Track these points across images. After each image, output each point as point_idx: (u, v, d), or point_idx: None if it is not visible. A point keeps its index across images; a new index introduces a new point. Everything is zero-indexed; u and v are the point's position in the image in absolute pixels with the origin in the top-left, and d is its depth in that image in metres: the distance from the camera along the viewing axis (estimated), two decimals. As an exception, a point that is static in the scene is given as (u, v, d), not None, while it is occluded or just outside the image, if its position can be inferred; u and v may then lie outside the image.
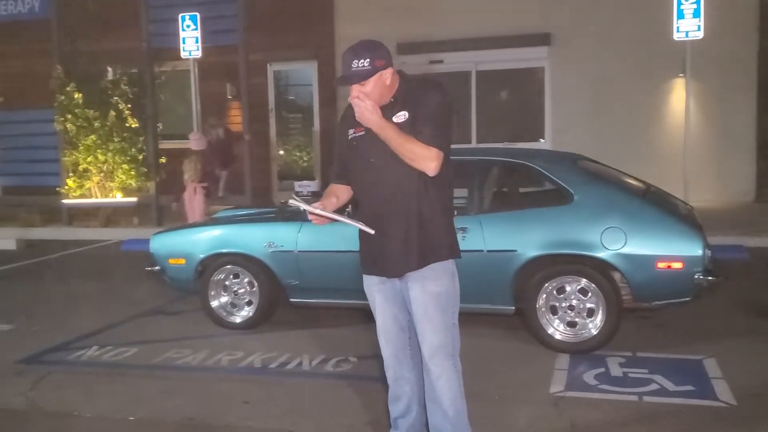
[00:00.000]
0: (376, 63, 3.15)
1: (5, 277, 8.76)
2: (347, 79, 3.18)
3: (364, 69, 3.13)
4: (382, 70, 3.17)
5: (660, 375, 4.68)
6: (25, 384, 4.92)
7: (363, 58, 3.14)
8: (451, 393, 3.33)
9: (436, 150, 3.10)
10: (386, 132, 3.11)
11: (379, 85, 3.18)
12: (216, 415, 4.28)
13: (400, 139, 3.10)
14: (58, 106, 11.79)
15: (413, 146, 3.09)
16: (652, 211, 5.19)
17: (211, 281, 6.06)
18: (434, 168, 3.11)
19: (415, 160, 3.10)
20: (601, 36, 12.37)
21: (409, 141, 3.10)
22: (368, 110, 3.11)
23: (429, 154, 3.09)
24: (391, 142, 3.11)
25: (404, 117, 3.17)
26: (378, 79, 3.17)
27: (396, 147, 3.11)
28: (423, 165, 3.10)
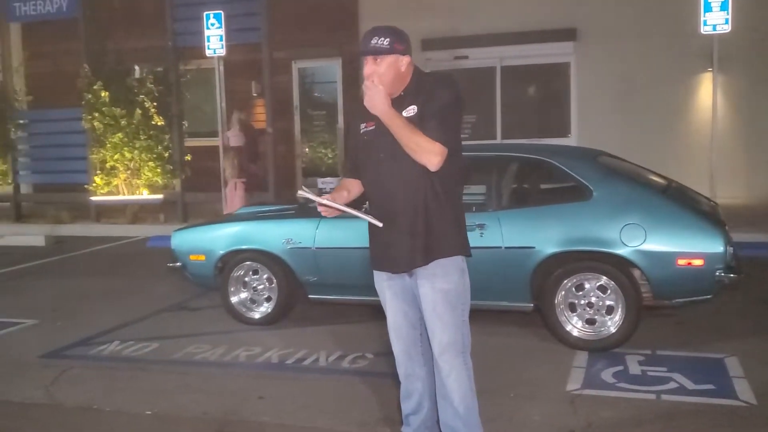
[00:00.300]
0: (395, 45, 3.17)
1: (32, 273, 8.90)
2: (363, 52, 3.19)
3: (382, 46, 3.15)
4: (399, 55, 3.18)
5: (679, 373, 4.62)
6: (47, 378, 5.00)
7: (384, 37, 3.17)
8: (461, 390, 3.31)
9: (440, 145, 3.09)
10: (393, 121, 3.10)
11: (394, 68, 3.18)
12: (231, 410, 4.31)
13: (406, 129, 3.09)
14: (85, 105, 11.95)
15: (419, 139, 3.08)
16: (673, 208, 5.12)
17: (230, 277, 6.11)
18: (437, 163, 3.09)
19: (419, 153, 3.09)
20: (628, 30, 12.22)
21: (416, 133, 3.09)
22: (379, 95, 3.10)
23: (433, 148, 3.08)
24: (397, 132, 3.10)
25: (413, 111, 3.16)
26: (394, 62, 3.17)
27: (401, 138, 3.10)
28: (426, 159, 3.09)
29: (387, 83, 3.17)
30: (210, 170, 12.19)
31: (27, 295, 7.68)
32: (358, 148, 3.38)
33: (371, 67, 3.18)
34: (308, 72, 14.69)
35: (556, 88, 13.37)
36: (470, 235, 5.06)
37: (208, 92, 12.50)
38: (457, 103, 3.21)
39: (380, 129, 3.22)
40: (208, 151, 12.54)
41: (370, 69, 3.18)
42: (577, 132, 12.94)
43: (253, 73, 13.32)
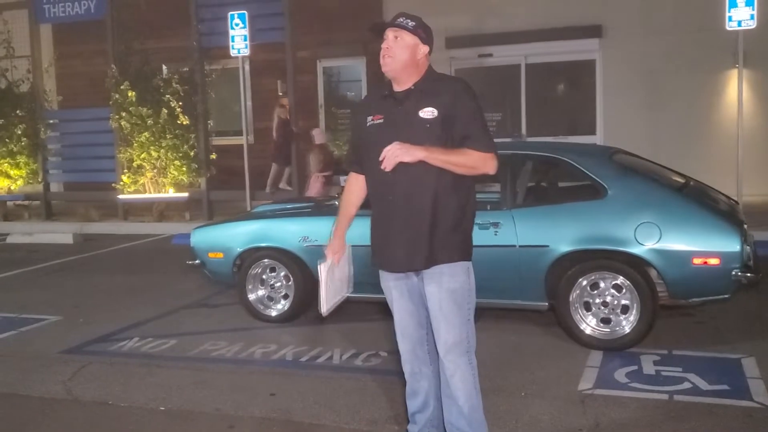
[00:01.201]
0: (419, 30, 3.21)
1: (59, 270, 9.06)
2: (386, 24, 3.22)
3: (406, 25, 3.19)
4: (420, 42, 3.20)
5: (694, 374, 4.57)
6: (66, 373, 5.09)
7: (410, 20, 3.22)
8: (466, 389, 3.31)
9: (491, 153, 3.15)
10: (438, 157, 3.10)
11: (411, 50, 3.18)
12: (242, 407, 4.35)
13: (450, 156, 3.11)
14: (113, 105, 12.13)
15: (465, 159, 3.12)
16: (689, 206, 5.06)
17: (248, 275, 6.16)
18: (495, 166, 3.16)
19: (475, 170, 3.16)
20: (653, 27, 12.10)
21: (461, 155, 3.12)
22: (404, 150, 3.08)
23: (486, 159, 3.14)
24: (445, 163, 3.12)
25: (432, 114, 3.14)
26: (413, 45, 3.19)
27: (452, 166, 3.13)
28: (484, 171, 3.16)
29: (400, 62, 3.17)
30: (235, 168, 12.29)
31: (53, 292, 7.82)
32: (363, 141, 3.37)
33: (390, 42, 3.19)
34: (333, 71, 14.77)
35: (581, 86, 13.28)
36: (485, 233, 5.21)
37: (233, 92, 12.61)
38: (480, 104, 3.23)
39: (387, 123, 3.23)
40: (234, 150, 12.65)
41: (388, 43, 3.19)
42: (602, 129, 12.84)
43: (278, 73, 13.40)
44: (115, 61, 12.31)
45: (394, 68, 3.20)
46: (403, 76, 3.21)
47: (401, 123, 3.20)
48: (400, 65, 3.19)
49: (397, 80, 3.25)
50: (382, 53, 3.21)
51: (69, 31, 14.87)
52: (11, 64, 13.35)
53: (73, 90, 14.89)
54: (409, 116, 3.19)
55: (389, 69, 3.21)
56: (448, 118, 3.14)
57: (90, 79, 14.07)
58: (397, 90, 3.27)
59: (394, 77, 3.24)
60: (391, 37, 3.20)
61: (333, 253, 3.49)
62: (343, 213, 3.54)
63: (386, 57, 3.20)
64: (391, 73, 3.23)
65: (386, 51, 3.20)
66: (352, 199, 3.50)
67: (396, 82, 3.26)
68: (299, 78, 12.85)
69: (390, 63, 3.19)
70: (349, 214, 3.52)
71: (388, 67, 3.21)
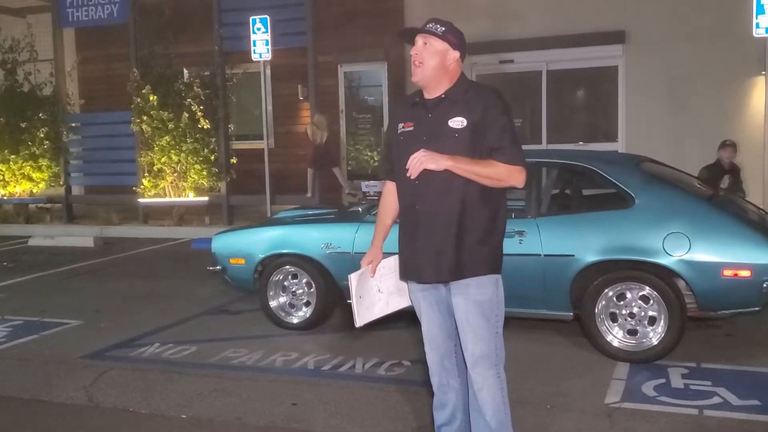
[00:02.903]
0: (449, 36, 3.14)
1: (80, 274, 9.08)
2: (415, 29, 3.16)
3: (436, 31, 3.13)
4: (451, 48, 3.14)
5: (724, 388, 4.47)
6: (87, 379, 5.08)
7: (441, 25, 3.15)
8: (494, 404, 3.24)
9: (520, 166, 3.09)
10: (464, 167, 3.06)
11: (441, 57, 3.12)
12: (263, 416, 4.31)
13: (478, 167, 3.06)
14: (134, 108, 12.17)
15: (492, 171, 3.07)
16: (718, 216, 4.96)
17: (270, 281, 6.13)
18: (523, 181, 3.11)
19: (502, 182, 3.10)
20: (678, 33, 11.96)
21: (487, 167, 3.06)
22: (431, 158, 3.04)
23: (513, 172, 3.09)
24: (472, 175, 3.07)
25: (462, 123, 3.10)
26: (443, 51, 3.13)
27: (480, 178, 3.07)
28: (511, 184, 3.11)
29: (430, 69, 3.12)
30: (256, 173, 12.28)
31: (74, 296, 7.84)
32: (394, 149, 3.33)
33: (418, 49, 3.14)
34: (354, 76, 14.74)
35: (603, 92, 13.17)
36: (509, 242, 5.06)
37: (254, 96, 12.61)
38: (511, 115, 3.18)
39: (417, 131, 3.18)
40: (254, 154, 12.64)
41: (417, 50, 3.14)
42: (624, 137, 12.72)
43: (300, 77, 13.38)
44: (137, 65, 12.34)
45: (424, 76, 3.15)
46: (433, 84, 3.16)
47: (430, 131, 3.16)
48: (429, 72, 3.13)
49: (428, 88, 3.20)
50: (412, 59, 3.17)
51: (92, 35, 14.97)
52: (34, 67, 13.44)
53: (96, 93, 14.99)
54: (439, 125, 3.15)
55: (419, 78, 3.17)
56: (478, 129, 3.09)
57: (112, 82, 14.15)
58: (427, 97, 3.22)
59: (426, 86, 3.19)
60: (420, 44, 3.15)
61: (367, 263, 3.42)
62: (380, 223, 3.48)
63: (416, 65, 3.15)
64: (421, 82, 3.18)
65: (415, 57, 3.15)
66: (388, 209, 3.45)
67: (427, 90, 3.21)
68: (320, 83, 12.83)
69: (419, 72, 3.15)
70: (386, 225, 3.46)
71: (418, 77, 3.16)
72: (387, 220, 3.46)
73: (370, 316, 3.43)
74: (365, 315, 3.40)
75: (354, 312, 3.38)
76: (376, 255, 3.44)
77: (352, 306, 3.39)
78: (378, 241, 3.47)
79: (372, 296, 3.43)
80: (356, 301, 3.36)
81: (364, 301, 3.39)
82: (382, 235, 3.48)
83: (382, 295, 3.45)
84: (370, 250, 3.46)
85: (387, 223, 3.46)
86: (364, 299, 3.40)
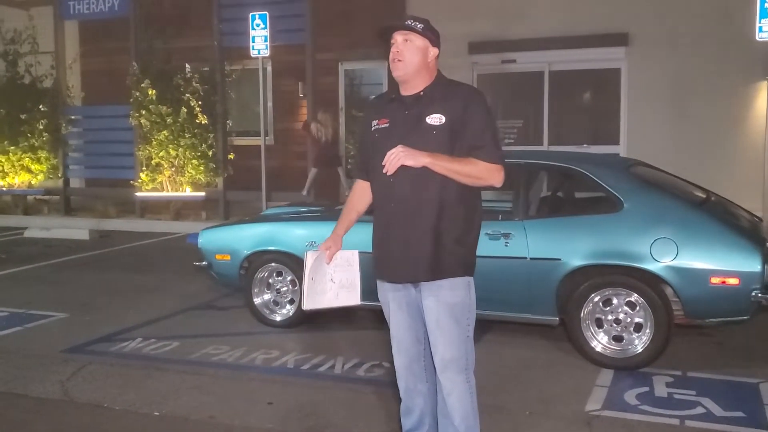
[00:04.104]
0: (428, 33, 3.10)
1: (71, 267, 9.04)
2: (394, 27, 3.10)
3: (416, 27, 3.08)
4: (430, 44, 3.10)
5: (708, 398, 4.38)
6: (65, 373, 5.02)
7: (419, 22, 3.10)
8: (462, 409, 3.17)
9: (499, 165, 3.03)
10: (443, 165, 2.99)
11: (422, 54, 3.08)
12: (237, 415, 4.24)
13: (456, 164, 3.00)
14: (133, 102, 12.13)
15: (471, 169, 3.00)
16: (708, 222, 4.86)
17: (255, 278, 6.07)
18: (501, 180, 3.04)
19: (481, 181, 3.04)
20: (681, 37, 11.84)
21: (466, 165, 3.00)
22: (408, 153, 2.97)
23: (492, 170, 3.02)
24: (450, 172, 3.00)
25: (440, 120, 3.04)
26: (424, 48, 3.09)
27: (457, 176, 3.01)
28: (490, 182, 3.04)
29: (412, 65, 3.07)
30: (255, 169, 12.22)
31: (62, 289, 7.79)
32: (368, 146, 3.26)
33: (399, 45, 3.08)
34: (355, 74, 14.67)
35: (605, 95, 13.04)
36: (495, 244, 5.06)
37: (255, 92, 12.54)
38: (492, 113, 3.13)
39: (393, 127, 3.12)
40: (254, 151, 12.58)
41: (398, 46, 3.08)
42: (626, 140, 12.60)
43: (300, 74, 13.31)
44: (136, 59, 12.30)
45: (407, 72, 3.09)
46: (416, 80, 3.11)
47: (407, 128, 3.10)
48: (412, 69, 3.08)
49: (407, 84, 3.14)
50: (392, 57, 3.11)
51: (95, 29, 14.93)
52: (35, 59, 13.40)
53: (98, 87, 14.92)
54: (416, 122, 3.09)
55: (401, 73, 3.11)
56: (457, 126, 3.03)
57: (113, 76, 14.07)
58: (404, 94, 3.15)
59: (406, 81, 3.13)
60: (401, 40, 3.09)
61: (325, 248, 3.31)
62: (344, 216, 3.40)
63: (397, 61, 3.09)
64: (403, 78, 3.12)
65: (396, 54, 3.09)
66: (356, 204, 3.37)
67: (405, 87, 3.15)
68: (320, 80, 12.76)
69: (402, 67, 3.09)
70: (350, 219, 3.38)
71: (400, 72, 3.10)
72: (352, 214, 3.38)
73: (318, 303, 3.30)
74: (314, 299, 3.28)
75: (303, 292, 3.27)
76: (335, 242, 3.32)
77: (302, 286, 3.28)
78: (339, 230, 3.36)
79: (324, 283, 3.32)
80: (307, 283, 3.25)
81: (315, 285, 3.28)
82: (344, 226, 3.37)
83: (333, 285, 3.34)
84: (330, 237, 3.35)
85: (351, 217, 3.38)
86: (316, 283, 3.28)
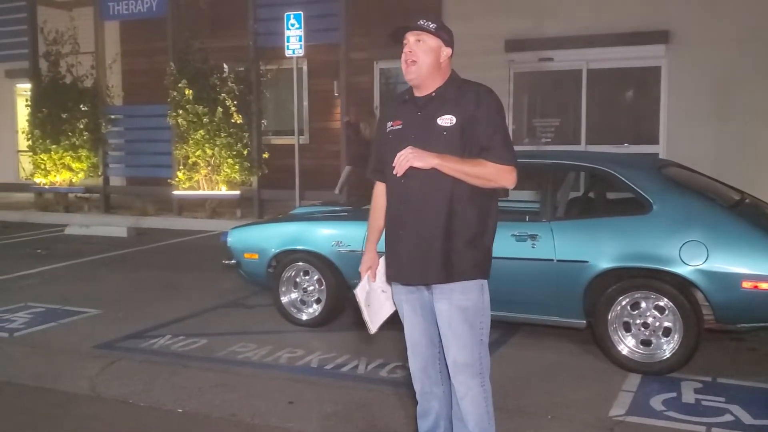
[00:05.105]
0: (441, 32, 3.07)
1: (107, 264, 9.19)
2: (406, 27, 3.08)
3: (428, 27, 3.05)
4: (443, 44, 3.07)
5: (738, 405, 4.27)
6: (94, 369, 5.10)
7: (432, 21, 3.08)
8: (477, 414, 3.14)
9: (511, 166, 2.99)
10: (452, 167, 2.97)
11: (435, 54, 3.05)
12: (259, 414, 4.27)
13: (466, 166, 2.97)
14: (170, 102, 12.29)
15: (481, 171, 2.97)
16: (740, 225, 4.74)
17: (282, 277, 6.10)
18: (513, 182, 3.01)
19: (491, 182, 3.00)
20: (724, 34, 11.57)
21: (476, 166, 2.97)
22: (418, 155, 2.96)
23: (503, 172, 2.99)
24: (460, 174, 2.98)
25: (450, 121, 3.01)
26: (436, 48, 3.05)
27: (468, 177, 2.98)
28: (501, 184, 3.02)
29: (425, 66, 3.04)
30: (290, 168, 12.28)
31: (98, 285, 7.93)
32: (383, 147, 3.25)
33: (412, 46, 3.05)
34: (391, 72, 14.64)
35: (645, 93, 12.82)
36: (521, 246, 5.01)
37: (289, 91, 12.61)
38: (504, 113, 3.10)
39: (406, 129, 3.10)
40: (287, 150, 12.65)
41: (411, 47, 3.05)
42: (666, 140, 12.36)
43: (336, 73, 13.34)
44: (174, 59, 12.46)
45: (419, 74, 3.07)
46: (428, 82, 3.08)
47: (419, 129, 3.08)
48: (425, 70, 3.05)
49: (420, 86, 3.11)
50: (404, 57, 3.08)
51: (135, 29, 15.16)
52: (76, 59, 13.67)
53: (138, 86, 15.18)
54: (427, 123, 3.07)
55: (414, 77, 3.08)
56: (468, 127, 2.99)
57: (153, 76, 14.29)
58: (417, 95, 3.13)
59: (419, 84, 3.10)
60: (413, 41, 3.06)
61: (366, 270, 3.36)
62: (371, 226, 3.40)
63: (410, 63, 3.06)
64: (416, 81, 3.10)
65: (409, 56, 3.06)
66: (379, 211, 3.34)
67: (419, 88, 3.13)
68: (356, 79, 12.77)
69: (414, 70, 3.06)
70: (378, 226, 3.36)
71: (413, 75, 3.08)
72: (378, 222, 3.36)
73: (381, 320, 3.40)
74: (376, 320, 3.38)
75: (366, 322, 3.36)
76: (372, 259, 3.37)
77: (363, 317, 3.36)
78: (372, 245, 3.39)
79: (378, 300, 3.38)
80: (366, 312, 3.34)
81: (372, 309, 3.36)
82: (376, 237, 3.39)
83: (387, 295, 3.39)
84: (365, 256, 3.39)
85: (379, 226, 3.37)
86: (373, 306, 3.36)
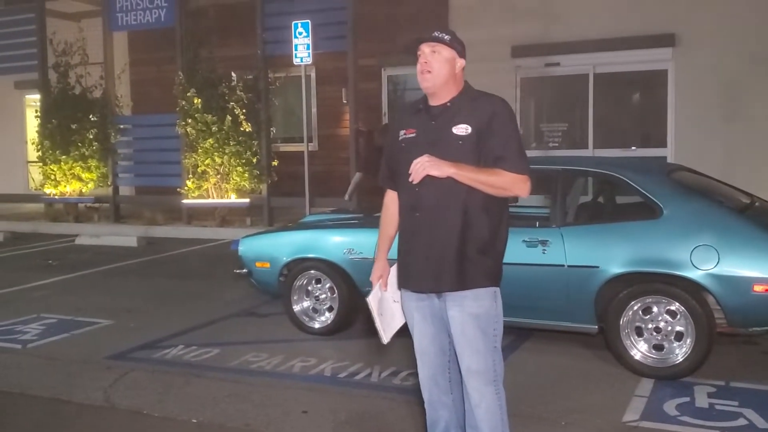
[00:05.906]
0: (455, 44, 3.12)
1: (119, 274, 9.24)
2: (421, 38, 3.13)
3: (443, 38, 3.10)
4: (457, 55, 3.12)
5: (752, 409, 4.27)
6: (108, 380, 5.13)
7: (446, 33, 3.13)
8: (491, 422, 3.14)
9: (525, 175, 3.03)
10: (468, 175, 3.00)
11: (449, 65, 3.10)
12: (272, 423, 4.28)
13: (482, 175, 3.00)
14: (179, 111, 12.36)
15: (496, 180, 3.00)
16: (750, 229, 4.74)
17: (294, 286, 6.11)
18: (527, 189, 3.04)
19: (506, 191, 3.04)
20: (731, 36, 11.56)
21: (491, 175, 3.00)
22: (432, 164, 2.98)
23: (517, 181, 3.02)
24: (476, 183, 3.00)
25: (466, 130, 3.05)
26: (451, 59, 3.11)
27: (483, 186, 3.01)
28: (515, 193, 3.05)
29: (441, 76, 3.08)
30: (299, 175, 12.32)
31: (109, 295, 7.96)
32: (395, 155, 3.27)
33: (427, 56, 3.10)
34: (399, 79, 14.70)
35: (652, 97, 12.83)
36: (532, 251, 5.03)
37: (298, 99, 12.67)
38: (517, 124, 3.14)
39: (420, 138, 3.13)
40: (299, 157, 12.70)
41: (426, 57, 3.10)
42: (674, 143, 12.36)
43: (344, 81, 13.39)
44: (182, 69, 12.52)
45: (435, 83, 3.11)
46: (443, 91, 3.12)
47: (434, 138, 3.10)
48: (441, 80, 3.09)
49: (435, 95, 3.15)
50: (420, 68, 3.13)
51: (143, 39, 15.28)
52: (85, 70, 13.75)
53: (146, 96, 15.27)
54: (442, 132, 3.09)
55: (430, 85, 3.12)
56: (483, 136, 3.03)
57: (161, 85, 14.38)
58: (432, 104, 3.16)
59: (434, 93, 3.14)
60: (428, 52, 3.10)
61: (377, 279, 3.38)
62: (382, 234, 3.42)
63: (425, 72, 3.10)
64: (432, 89, 3.13)
65: (424, 66, 3.11)
66: (390, 219, 3.37)
67: (433, 97, 3.16)
68: (363, 86, 12.81)
69: (430, 78, 3.10)
70: (389, 235, 3.39)
71: (429, 83, 3.12)
72: (389, 230, 3.39)
73: (394, 329, 3.41)
74: (389, 330, 3.39)
75: (379, 330, 3.36)
76: (383, 268, 3.39)
77: (375, 326, 3.36)
78: (382, 254, 3.41)
79: (390, 309, 3.39)
80: (378, 320, 3.35)
81: (385, 318, 3.37)
82: (386, 246, 3.41)
83: (398, 305, 3.40)
84: (376, 264, 3.41)
85: (390, 234, 3.39)
86: (385, 315, 3.37)
